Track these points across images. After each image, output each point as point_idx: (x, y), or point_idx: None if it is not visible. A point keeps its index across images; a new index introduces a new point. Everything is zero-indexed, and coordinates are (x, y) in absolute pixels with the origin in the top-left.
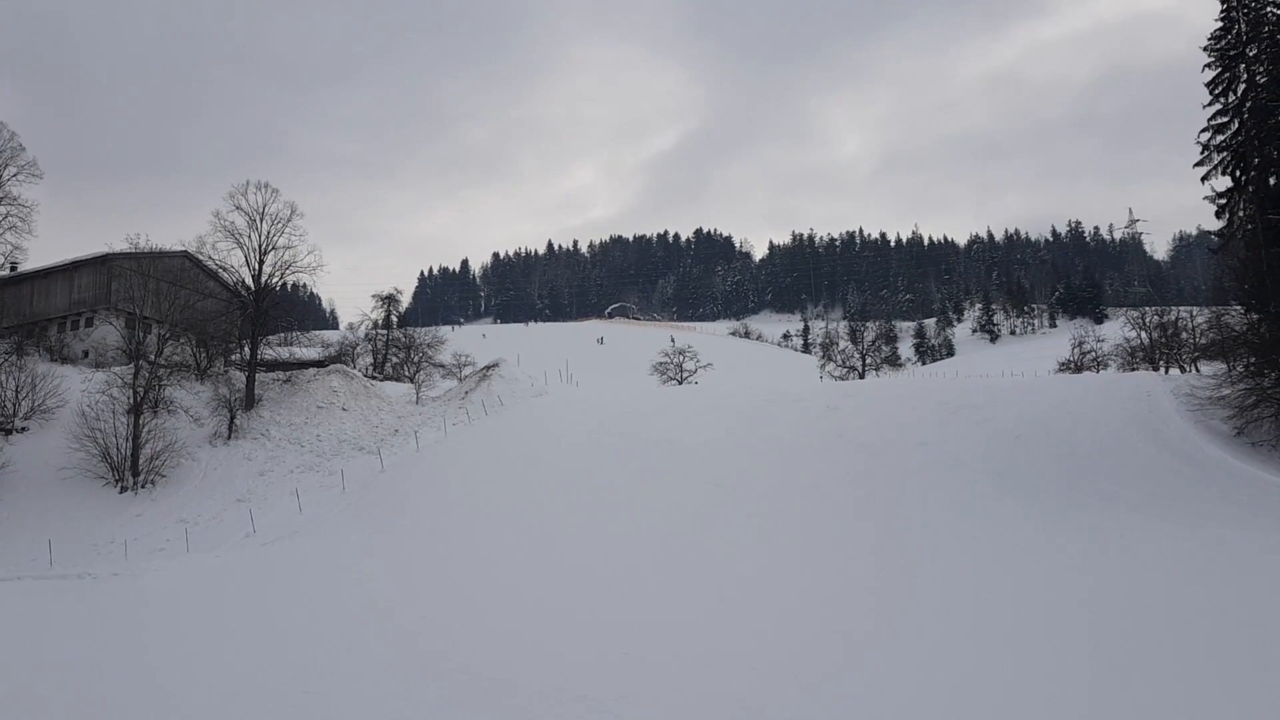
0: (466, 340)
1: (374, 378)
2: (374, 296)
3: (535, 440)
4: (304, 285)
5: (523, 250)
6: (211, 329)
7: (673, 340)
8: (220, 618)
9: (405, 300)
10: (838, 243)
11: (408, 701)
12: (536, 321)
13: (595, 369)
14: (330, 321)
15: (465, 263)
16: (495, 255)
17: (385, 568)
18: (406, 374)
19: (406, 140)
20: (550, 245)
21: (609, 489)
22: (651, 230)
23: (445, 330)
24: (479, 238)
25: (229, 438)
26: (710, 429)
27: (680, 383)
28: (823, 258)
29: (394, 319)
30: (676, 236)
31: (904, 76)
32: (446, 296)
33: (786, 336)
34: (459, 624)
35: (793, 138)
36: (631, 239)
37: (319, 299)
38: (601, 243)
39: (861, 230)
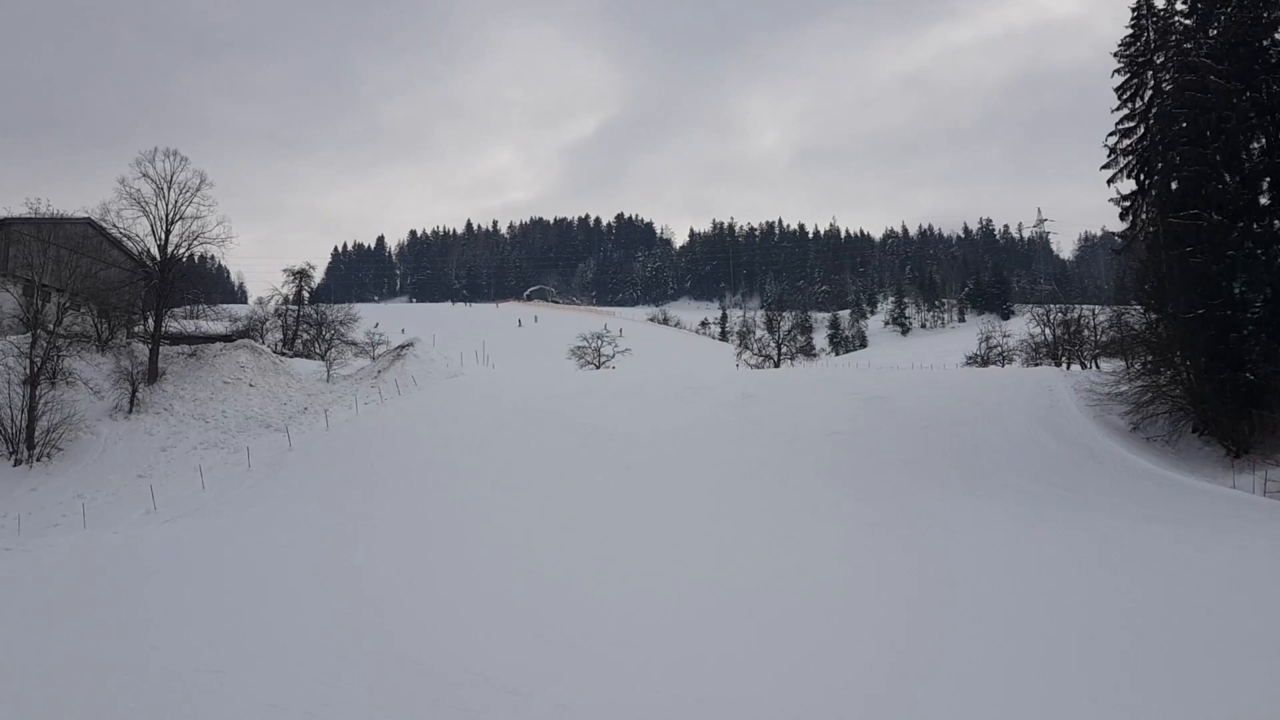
0: (381, 318)
1: (283, 354)
2: (285, 271)
3: (449, 422)
4: (212, 257)
5: (441, 229)
6: (114, 299)
7: (607, 328)
8: (116, 595)
9: (318, 276)
10: (757, 233)
11: (315, 680)
12: (454, 302)
13: (512, 351)
14: (239, 295)
15: (381, 240)
16: (412, 233)
17: (291, 547)
18: (317, 351)
19: (321, 115)
20: (469, 225)
21: (522, 472)
22: (572, 214)
23: (359, 307)
24: (396, 216)
25: (130, 411)
26: (626, 414)
27: (598, 367)
28: (742, 247)
29: (306, 295)
30: (597, 221)
31: (822, 72)
32: (361, 273)
33: (705, 324)
34: (366, 604)
35: (713, 128)
36: (552, 221)
37: (228, 272)
38: (521, 224)
39: (781, 221)
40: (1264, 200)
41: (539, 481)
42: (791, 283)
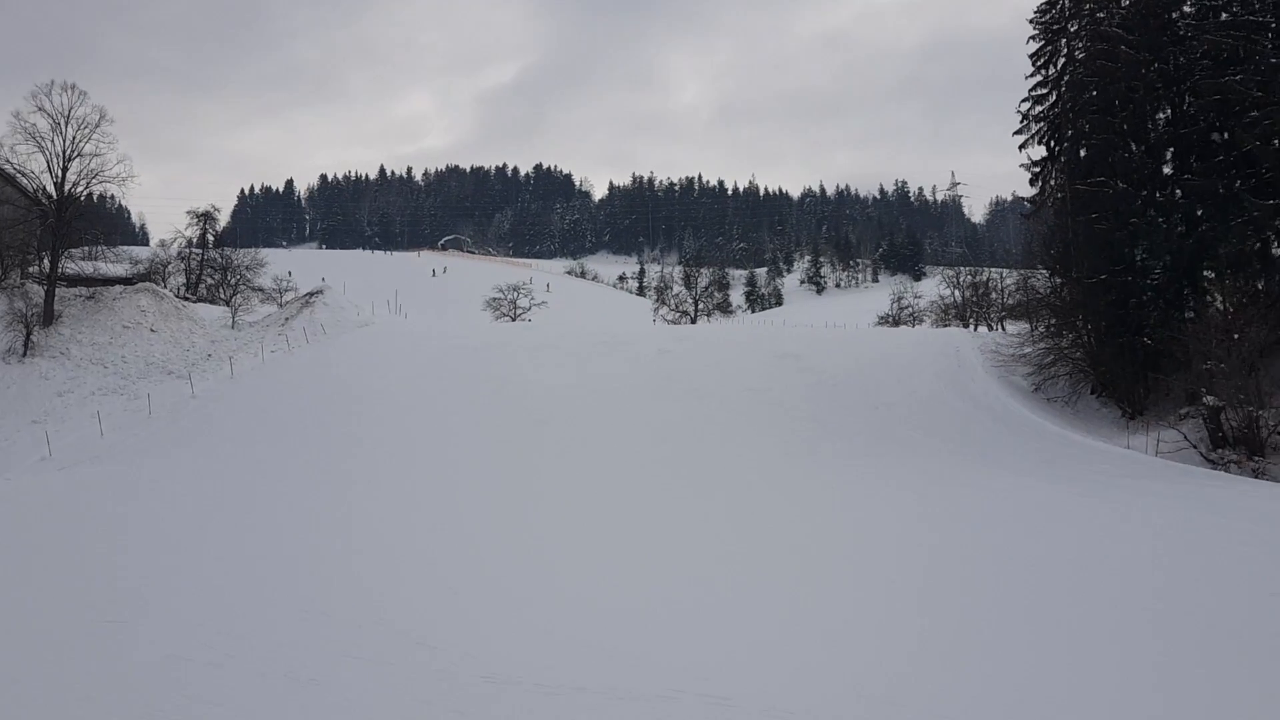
0: (290, 264)
1: (186, 299)
2: (189, 213)
3: (359, 372)
4: (112, 197)
5: (353, 174)
6: (7, 238)
7: (538, 282)
8: (9, 542)
9: (223, 219)
10: (677, 188)
11: (214, 632)
12: (369, 250)
13: (426, 302)
14: (140, 237)
15: (290, 183)
16: (323, 178)
17: (193, 496)
18: (222, 296)
19: (228, 53)
20: (383, 171)
21: (434, 424)
22: (489, 162)
23: (266, 252)
24: (306, 159)
25: (24, 355)
26: (541, 368)
27: (514, 320)
28: (661, 202)
29: (210, 238)
30: (515, 171)
31: (744, 29)
32: (269, 218)
33: (623, 278)
34: (267, 555)
35: (634, 80)
36: (469, 170)
37: (129, 213)
38: (437, 172)
39: (700, 177)
40: (1167, 170)
41: (450, 434)
42: (710, 239)
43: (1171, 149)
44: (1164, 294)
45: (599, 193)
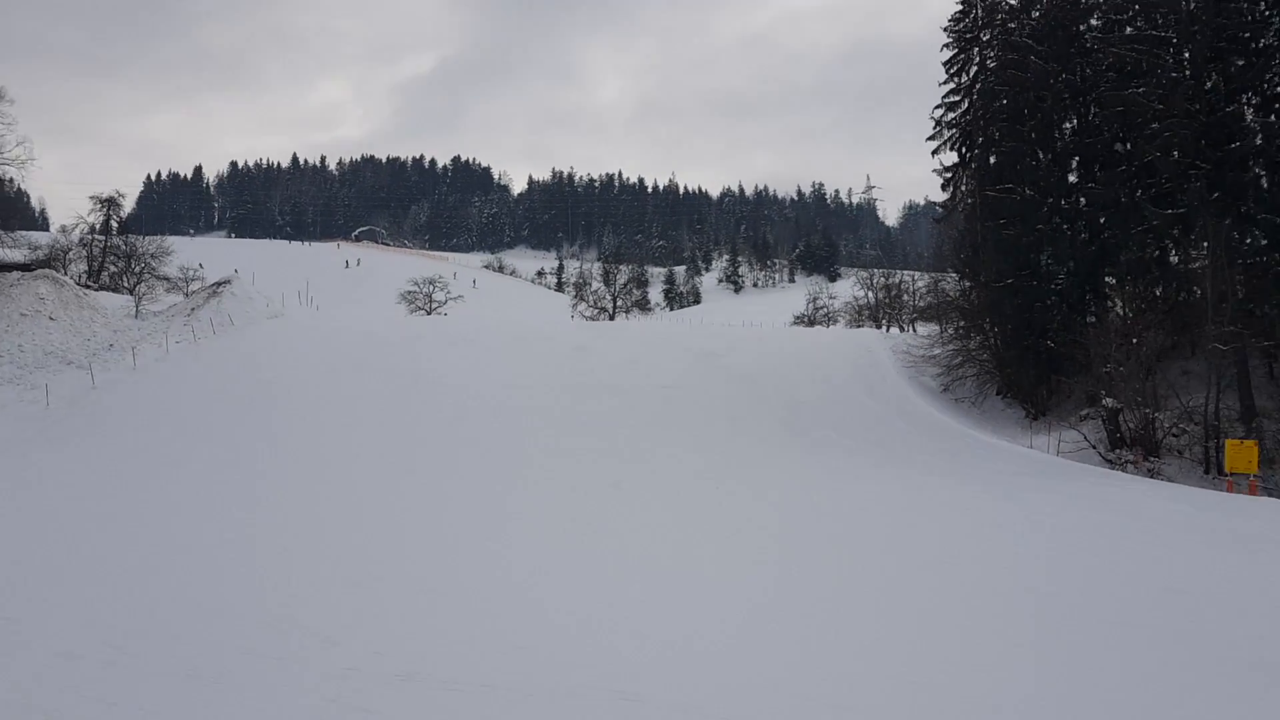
0: (197, 252)
1: (88, 286)
2: (92, 198)
3: (268, 364)
4: (11, 180)
5: (265, 162)
6: None
7: (455, 276)
8: None
9: (129, 205)
10: (597, 184)
11: (110, 628)
12: (287, 240)
13: (339, 294)
14: (41, 222)
15: (199, 170)
16: (234, 165)
17: (92, 490)
18: (126, 285)
19: (136, 34)
20: (296, 159)
21: (345, 419)
22: (406, 153)
23: (173, 240)
24: (216, 146)
25: None
26: (457, 363)
27: (429, 314)
28: (581, 197)
29: (114, 224)
30: (433, 163)
31: (665, 28)
32: (176, 205)
33: (541, 274)
34: (167, 551)
35: (555, 75)
36: (385, 160)
37: (28, 197)
38: (352, 162)
39: (621, 174)
40: (1072, 178)
41: (362, 429)
42: (629, 236)
43: (1077, 158)
44: (1067, 299)
45: (518, 187)
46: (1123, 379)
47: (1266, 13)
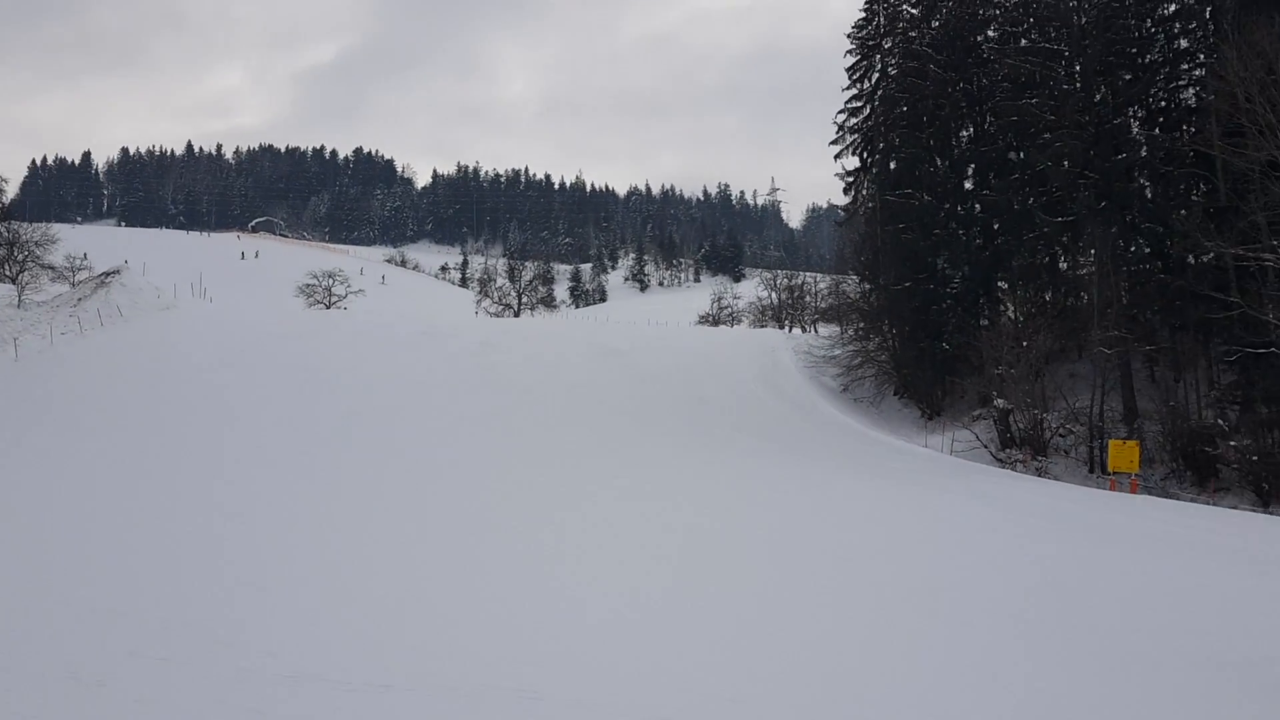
0: (85, 241)
1: None
2: None
3: (160, 358)
4: None
5: (158, 149)
6: None
7: (356, 269)
8: None
9: (11, 191)
10: (503, 179)
11: None
12: (169, 229)
13: (234, 286)
14: None
15: (87, 156)
16: (125, 151)
17: None
18: (7, 274)
19: (18, 13)
20: (190, 147)
21: (238, 414)
22: (306, 144)
23: (59, 228)
24: (106, 131)
25: None
26: (357, 358)
27: (329, 308)
28: (487, 193)
29: None
30: (334, 153)
31: (573, 25)
32: (63, 191)
33: (445, 269)
34: (48, 549)
35: (461, 68)
36: (284, 150)
37: None
38: (249, 150)
39: (527, 170)
40: (968, 185)
41: (256, 425)
42: (535, 233)
43: (973, 165)
44: (962, 302)
45: (422, 180)
46: (1013, 381)
47: (1153, 30)
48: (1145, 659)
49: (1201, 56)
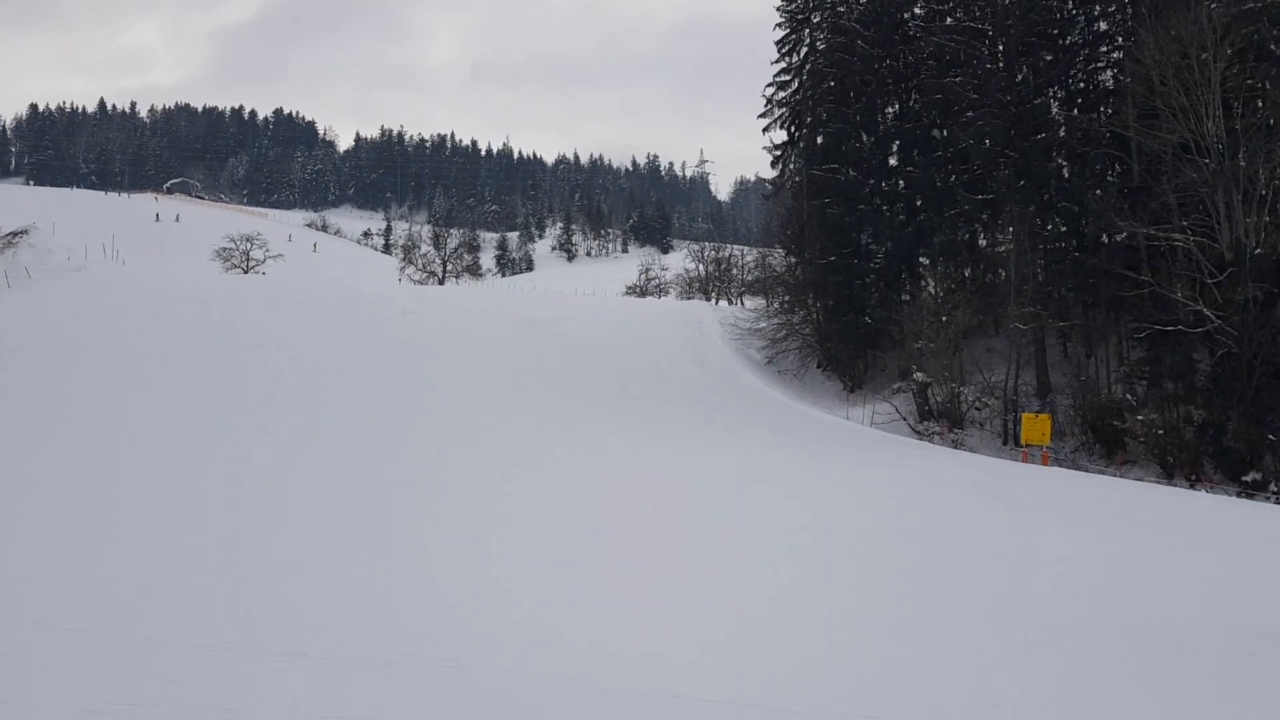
0: None
1: None
2: None
3: (69, 321)
4: None
5: (69, 106)
6: None
7: (275, 233)
8: None
9: None
10: (428, 145)
11: None
12: (80, 188)
13: (148, 248)
14: None
15: None
16: (33, 107)
17: None
18: None
19: None
20: (103, 104)
21: (152, 379)
22: (224, 103)
23: None
24: (13, 87)
25: None
26: (276, 323)
27: (246, 272)
28: (411, 157)
29: None
30: (253, 114)
31: None
32: None
33: (367, 234)
34: None
35: (385, 30)
36: (201, 110)
37: None
38: (165, 109)
39: (453, 135)
40: (893, 161)
41: (172, 391)
42: (461, 200)
43: (898, 142)
44: (885, 277)
45: (345, 143)
46: (933, 355)
47: (1074, 11)
48: (1038, 623)
49: (1120, 39)
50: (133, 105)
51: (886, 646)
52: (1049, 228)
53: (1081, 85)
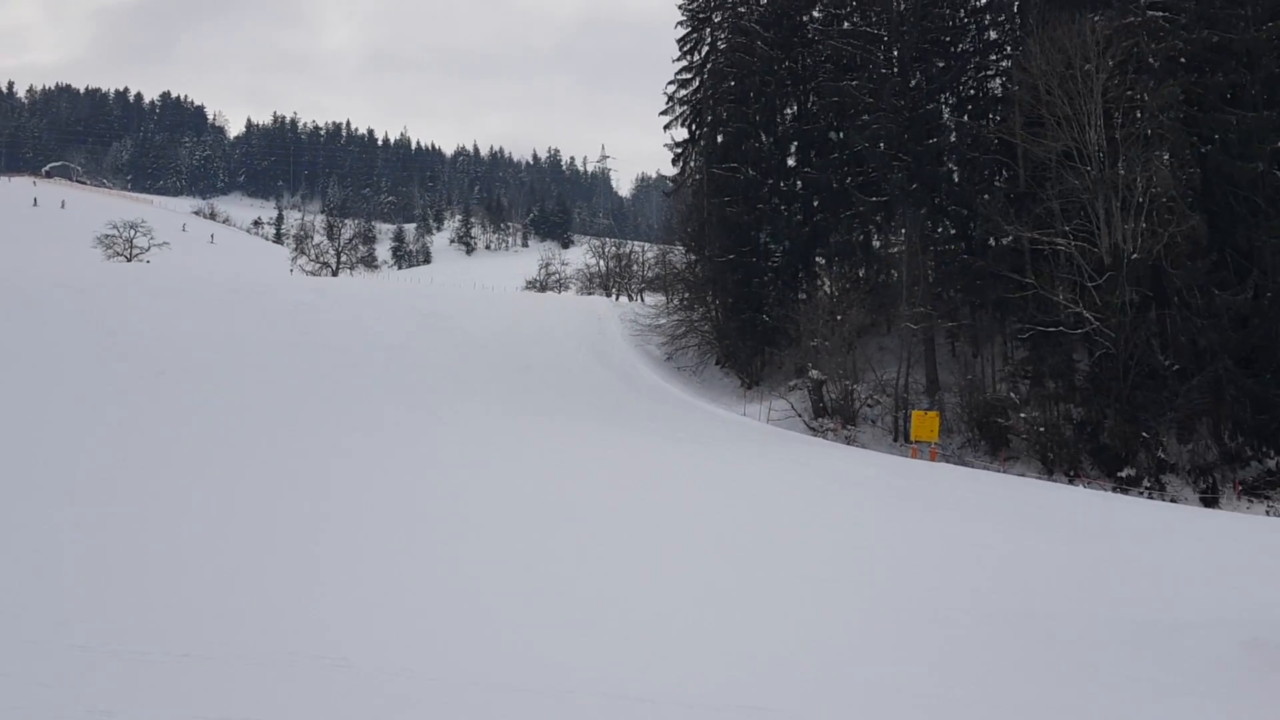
0: None
1: None
2: None
3: None
4: None
5: None
6: None
7: (161, 220)
8: None
9: None
10: (323, 132)
11: None
12: None
13: (23, 234)
14: None
15: None
16: None
17: None
18: None
19: None
20: None
21: (27, 373)
22: (108, 85)
23: None
24: None
25: None
26: (160, 315)
27: (129, 260)
28: (305, 145)
29: None
30: (139, 97)
31: None
32: None
33: (258, 223)
34: None
35: (279, 14)
36: (83, 91)
37: None
38: (45, 90)
39: (349, 124)
40: (791, 161)
41: (50, 384)
42: (356, 190)
43: (796, 143)
44: (783, 276)
45: (235, 130)
46: (827, 353)
47: (965, 20)
48: (920, 612)
49: (1009, 49)
50: (10, 85)
51: (769, 638)
52: (939, 230)
53: (972, 92)
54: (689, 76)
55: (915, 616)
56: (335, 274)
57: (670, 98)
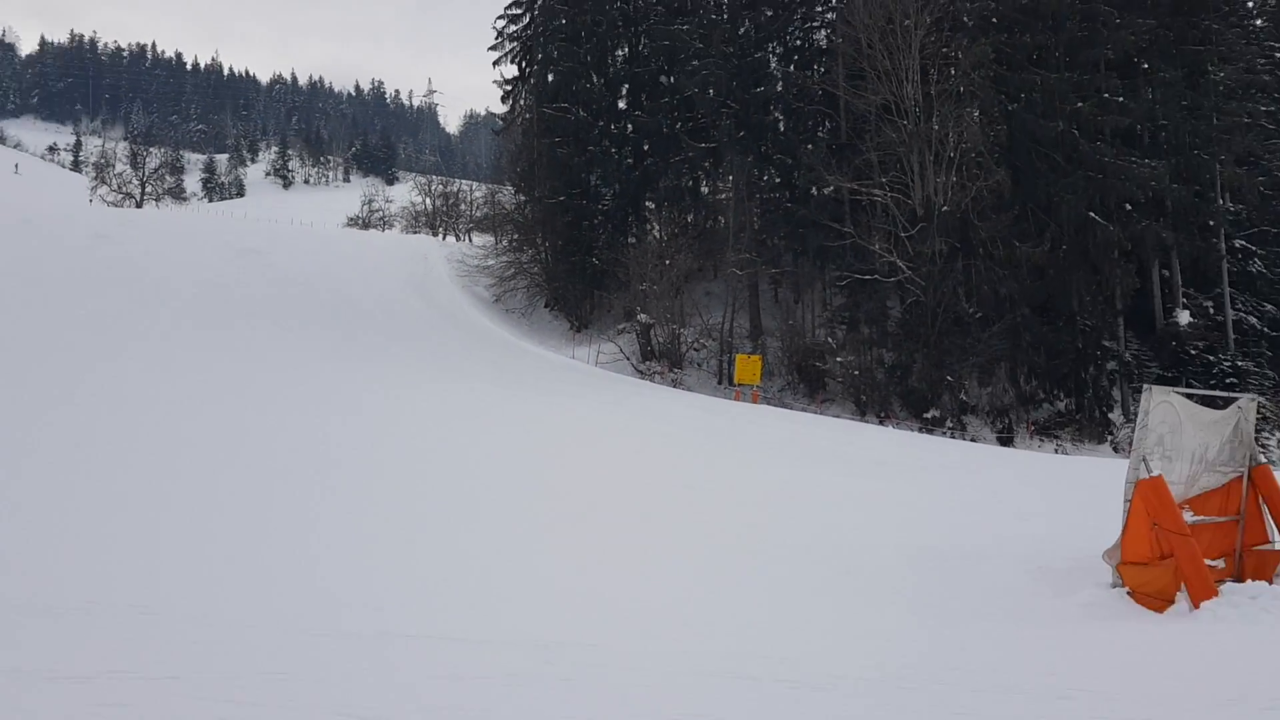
0: None
1: None
2: None
3: None
4: None
5: None
6: None
7: None
8: None
9: None
10: (125, 54)
11: None
12: None
13: None
14: None
15: None
16: None
17: None
18: None
19: None
20: None
21: None
22: None
23: None
24: None
25: None
26: None
27: None
28: (106, 67)
29: None
30: None
31: None
32: None
33: (53, 149)
34: None
35: None
36: None
37: None
38: None
39: (155, 46)
40: (622, 104)
41: None
42: (163, 117)
43: (627, 85)
44: (613, 219)
45: (27, 47)
46: (656, 297)
47: None
48: (737, 546)
49: (834, 1)
50: None
51: (590, 576)
52: (765, 178)
53: (799, 43)
54: (519, 12)
55: (732, 551)
56: (140, 205)
57: (500, 33)
